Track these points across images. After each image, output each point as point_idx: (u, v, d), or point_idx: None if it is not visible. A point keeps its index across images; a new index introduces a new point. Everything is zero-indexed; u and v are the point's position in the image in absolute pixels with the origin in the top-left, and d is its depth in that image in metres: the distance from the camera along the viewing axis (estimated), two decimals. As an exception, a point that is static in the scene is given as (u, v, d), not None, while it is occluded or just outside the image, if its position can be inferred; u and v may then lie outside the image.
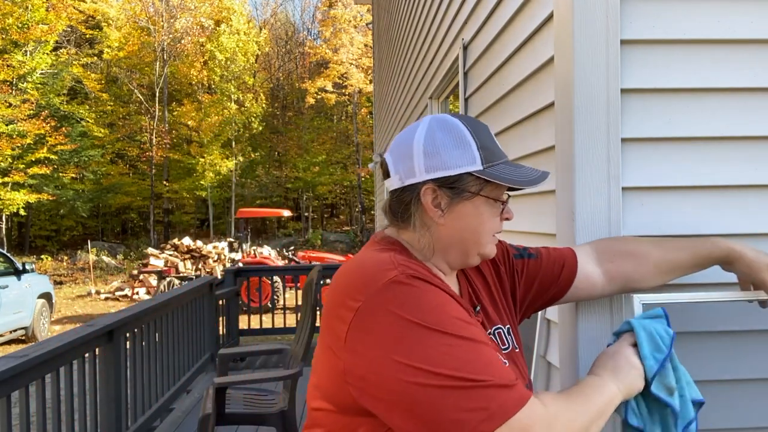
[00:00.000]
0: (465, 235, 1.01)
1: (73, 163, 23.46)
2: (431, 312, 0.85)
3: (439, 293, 0.89)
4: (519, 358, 1.12)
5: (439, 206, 0.99)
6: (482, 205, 1.00)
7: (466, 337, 0.84)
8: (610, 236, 1.42)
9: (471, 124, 1.01)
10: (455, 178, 0.98)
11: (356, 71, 27.71)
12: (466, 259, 1.04)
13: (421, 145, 0.99)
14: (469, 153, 0.98)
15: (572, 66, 1.43)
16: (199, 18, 28.23)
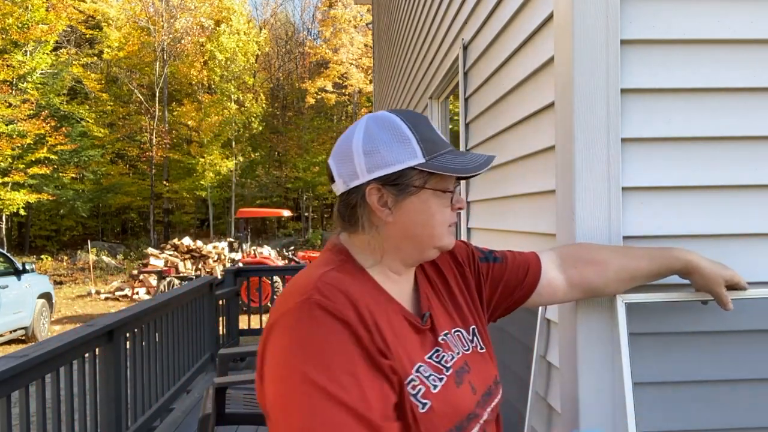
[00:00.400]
0: (417, 231, 0.99)
1: (73, 163, 23.46)
2: (310, 353, 0.84)
3: (335, 335, 0.85)
4: (482, 358, 1.09)
5: (386, 205, 0.97)
6: (430, 198, 0.98)
7: (329, 393, 0.81)
8: (607, 239, 1.43)
9: (409, 118, 0.99)
10: (398, 175, 0.96)
11: (356, 71, 27.72)
12: (421, 254, 1.03)
13: (360, 145, 0.97)
14: (409, 147, 0.96)
15: (572, 66, 1.43)
16: (199, 18, 28.24)
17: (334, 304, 0.87)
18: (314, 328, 0.86)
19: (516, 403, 1.76)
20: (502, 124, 2.15)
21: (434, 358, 0.97)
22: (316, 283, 0.90)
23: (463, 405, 0.96)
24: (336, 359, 0.84)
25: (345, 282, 0.93)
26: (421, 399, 0.90)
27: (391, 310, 0.97)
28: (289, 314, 0.88)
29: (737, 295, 1.39)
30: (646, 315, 1.43)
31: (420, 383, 0.91)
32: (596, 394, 1.42)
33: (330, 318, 0.86)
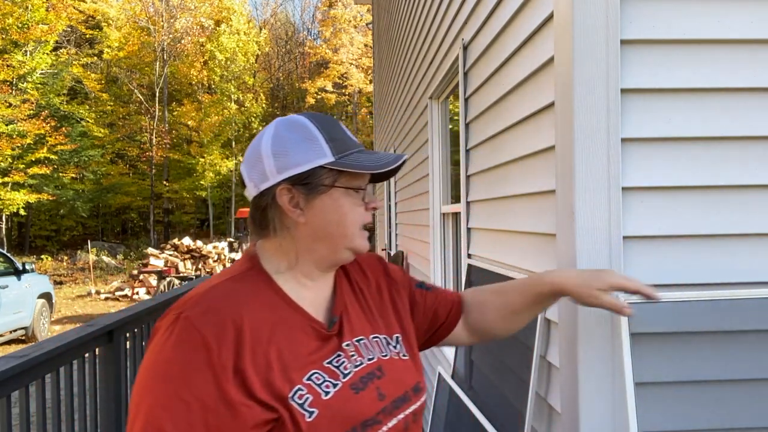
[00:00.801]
0: (329, 230, 0.99)
1: (73, 163, 23.47)
2: (161, 373, 0.88)
3: (191, 357, 0.87)
4: (403, 365, 1.08)
5: (297, 205, 0.98)
6: (341, 197, 0.98)
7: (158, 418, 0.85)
8: (614, 238, 1.43)
9: (317, 119, 1.00)
10: (308, 174, 0.96)
11: (356, 71, 27.72)
12: (335, 255, 1.02)
13: (269, 147, 0.98)
14: (317, 146, 0.97)
15: (572, 66, 1.43)
16: (199, 18, 28.25)
17: (201, 322, 0.88)
18: (173, 349, 0.88)
19: (516, 403, 1.76)
20: (502, 124, 2.15)
21: (333, 363, 0.97)
22: (199, 298, 0.92)
23: (358, 411, 0.95)
24: (179, 384, 0.86)
25: (230, 296, 0.93)
26: (308, 408, 0.90)
27: (291, 319, 0.96)
28: (162, 328, 0.91)
29: (737, 295, 1.39)
30: (646, 315, 1.43)
31: (308, 392, 0.91)
32: (596, 394, 1.42)
33: (190, 337, 0.87)
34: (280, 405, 0.88)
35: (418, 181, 4.76)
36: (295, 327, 0.96)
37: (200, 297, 0.92)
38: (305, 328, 0.97)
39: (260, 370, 0.89)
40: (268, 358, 0.90)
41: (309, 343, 0.96)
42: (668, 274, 1.46)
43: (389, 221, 7.84)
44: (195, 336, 0.87)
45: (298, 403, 0.90)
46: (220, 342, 0.88)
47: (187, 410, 0.85)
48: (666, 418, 1.41)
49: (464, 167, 2.86)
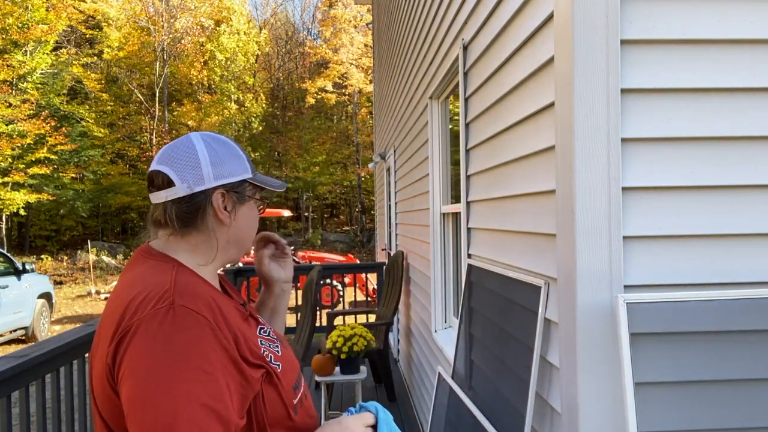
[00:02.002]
0: (243, 235, 1.16)
1: (73, 163, 23.45)
2: (174, 355, 0.94)
3: (200, 336, 0.96)
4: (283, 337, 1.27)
5: (227, 209, 1.12)
6: (254, 209, 1.17)
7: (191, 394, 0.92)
8: (610, 236, 1.43)
9: (232, 141, 1.18)
10: (238, 184, 1.13)
11: (356, 71, 27.70)
12: (238, 256, 1.19)
13: (207, 156, 1.11)
14: (242, 163, 1.14)
15: (572, 66, 1.43)
16: (199, 18, 28.23)
17: (197, 306, 0.98)
18: (183, 331, 0.95)
19: (516, 403, 1.76)
20: (502, 124, 2.15)
21: (263, 333, 1.15)
22: (175, 288, 1.00)
23: (295, 361, 1.19)
24: (200, 360, 0.94)
25: (198, 284, 1.05)
26: (275, 362, 1.09)
27: (228, 302, 1.10)
28: (154, 318, 0.95)
29: (737, 295, 1.39)
30: (647, 315, 1.43)
31: (269, 352, 1.10)
32: (596, 394, 1.42)
33: (194, 320, 0.96)
34: (263, 362, 1.05)
35: (418, 181, 4.76)
36: (231, 307, 1.10)
37: (178, 288, 1.00)
38: (235, 308, 1.12)
39: (243, 339, 1.04)
40: (241, 330, 1.05)
41: (242, 319, 1.11)
42: (668, 274, 1.46)
43: (389, 221, 7.84)
44: (198, 319, 0.97)
45: (268, 359, 1.08)
46: (217, 321, 1.00)
47: (214, 380, 0.94)
48: (666, 418, 1.41)
49: (464, 167, 2.86)
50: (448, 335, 3.65)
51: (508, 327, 1.95)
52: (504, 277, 2.06)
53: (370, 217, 27.36)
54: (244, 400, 1.00)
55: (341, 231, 29.63)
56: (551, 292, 1.66)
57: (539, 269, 1.76)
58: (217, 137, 1.16)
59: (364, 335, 4.20)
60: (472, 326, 2.41)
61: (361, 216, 28.02)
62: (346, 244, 25.55)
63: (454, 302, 3.77)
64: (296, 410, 1.11)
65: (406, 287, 5.70)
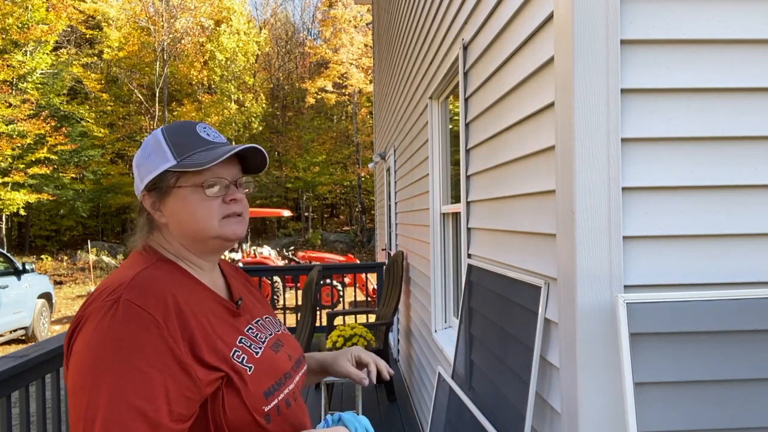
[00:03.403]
0: (186, 226, 1.09)
1: (73, 163, 23.46)
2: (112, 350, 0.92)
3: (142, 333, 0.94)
4: (290, 337, 1.26)
5: (157, 208, 1.10)
6: (188, 195, 1.07)
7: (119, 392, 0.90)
8: (610, 236, 1.43)
9: (170, 129, 1.11)
10: (157, 179, 1.08)
11: (356, 71, 27.70)
12: (203, 245, 1.11)
13: (135, 162, 1.12)
14: (161, 154, 1.08)
15: (572, 66, 1.43)
16: (199, 18, 28.22)
17: (145, 303, 0.96)
18: (122, 326, 0.93)
19: (516, 403, 1.76)
20: (502, 124, 2.15)
21: (251, 333, 1.12)
22: (129, 283, 0.99)
23: (280, 366, 1.13)
24: (136, 357, 0.92)
25: (159, 279, 1.02)
26: (246, 364, 1.05)
27: (208, 297, 1.09)
28: (100, 311, 0.95)
29: (737, 295, 1.39)
30: (647, 315, 1.43)
31: (243, 353, 1.06)
32: (596, 394, 1.42)
33: (136, 316, 0.94)
34: (224, 365, 1.01)
35: (418, 181, 4.76)
36: (211, 303, 1.09)
37: (132, 282, 0.99)
38: (219, 305, 1.10)
39: (204, 338, 1.01)
40: (204, 328, 1.02)
41: (226, 317, 1.10)
42: (668, 274, 1.46)
43: (389, 221, 7.84)
44: (142, 315, 0.95)
45: (237, 361, 1.04)
46: (166, 318, 0.97)
47: (148, 380, 0.92)
48: (666, 418, 1.41)
49: (464, 167, 2.86)
50: (448, 335, 3.65)
51: (508, 327, 1.95)
52: (504, 277, 2.06)
53: (370, 217, 27.37)
54: (190, 403, 0.95)
55: (341, 231, 29.63)
56: (551, 292, 1.66)
57: (539, 269, 1.76)
58: (154, 133, 1.12)
59: (364, 335, 4.20)
60: (472, 326, 2.41)
61: (361, 216, 28.02)
62: (346, 244, 25.55)
63: (454, 302, 3.77)
64: (269, 418, 1.05)
65: (406, 287, 5.70)
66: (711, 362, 1.44)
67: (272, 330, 1.20)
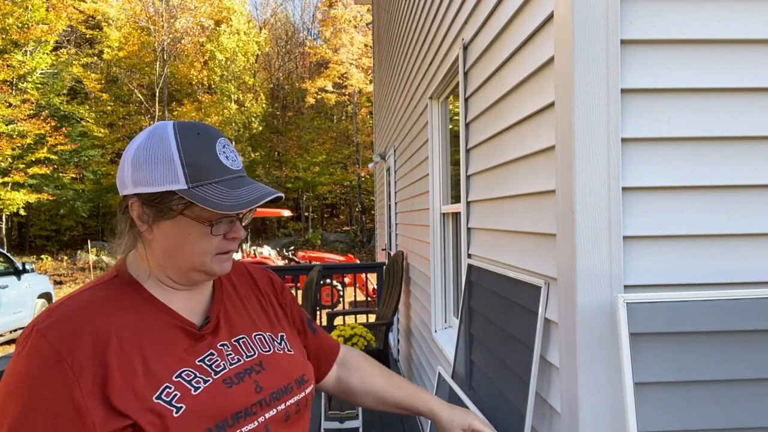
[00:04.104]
0: (174, 253, 0.97)
1: (73, 163, 23.46)
2: (13, 386, 0.87)
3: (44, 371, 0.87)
4: (287, 358, 1.11)
5: (146, 221, 0.96)
6: (187, 226, 0.95)
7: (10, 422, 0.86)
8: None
9: (185, 138, 0.94)
10: (158, 196, 0.93)
11: (356, 71, 27.70)
12: (185, 275, 1.00)
13: (131, 156, 0.95)
14: (171, 170, 0.92)
15: (572, 66, 1.43)
16: (199, 18, 28.22)
17: (53, 334, 0.88)
18: (24, 361, 0.88)
19: (516, 403, 1.76)
20: (502, 124, 2.15)
21: (206, 362, 0.98)
22: (52, 310, 0.92)
23: (229, 404, 0.96)
24: (27, 393, 0.86)
25: (91, 305, 0.93)
26: (176, 404, 0.91)
27: (158, 321, 0.97)
28: (20, 341, 0.91)
29: (737, 295, 1.39)
30: (647, 315, 1.43)
31: (176, 389, 0.93)
32: (596, 394, 1.42)
33: (41, 350, 0.87)
34: (137, 411, 0.88)
35: (418, 181, 4.76)
36: (163, 328, 0.97)
37: (54, 309, 0.92)
38: (174, 328, 0.98)
39: (123, 376, 0.90)
40: (132, 362, 0.91)
41: (179, 342, 0.97)
42: (668, 274, 1.46)
43: (389, 221, 7.84)
44: (45, 347, 0.87)
45: (165, 401, 0.91)
46: (73, 351, 0.88)
47: (38, 420, 0.85)
48: (665, 418, 1.41)
49: (464, 167, 2.86)
50: (448, 335, 3.65)
51: (508, 327, 1.95)
52: (504, 277, 2.06)
53: (370, 217, 27.36)
54: None
55: (341, 231, 29.63)
56: (551, 292, 1.66)
57: (539, 269, 1.76)
58: (162, 132, 0.96)
59: (364, 335, 4.20)
60: (472, 326, 2.41)
61: (361, 216, 28.02)
62: (346, 244, 25.55)
63: (454, 302, 3.77)
64: None
65: (406, 287, 5.70)
66: (711, 362, 1.44)
67: (256, 351, 1.06)
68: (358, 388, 1.37)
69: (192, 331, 1.00)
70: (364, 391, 1.37)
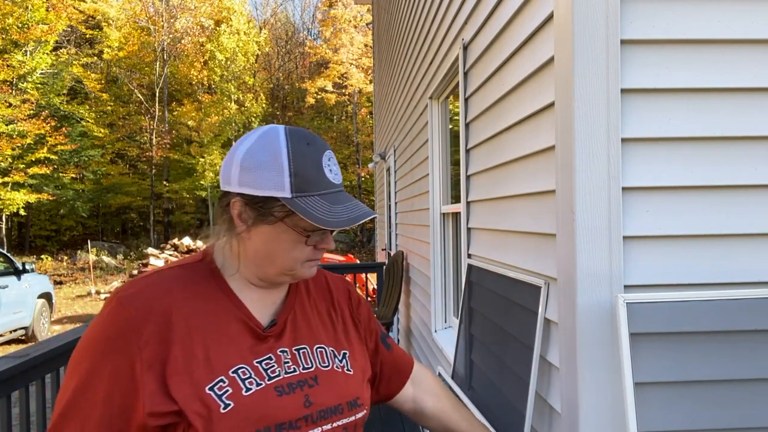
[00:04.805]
0: (266, 257, 1.00)
1: (73, 163, 23.46)
2: (89, 345, 0.93)
3: (116, 334, 0.92)
4: (345, 378, 1.08)
5: (246, 221, 0.99)
6: (284, 233, 0.98)
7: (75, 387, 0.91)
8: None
9: (295, 146, 0.97)
10: (262, 199, 0.96)
11: (356, 71, 27.70)
12: (274, 277, 1.03)
13: (241, 157, 0.98)
14: (278, 178, 0.95)
15: (572, 66, 1.43)
16: (199, 18, 28.22)
17: (131, 303, 0.93)
18: (101, 325, 0.93)
19: (516, 403, 1.76)
20: (503, 124, 2.15)
21: (263, 365, 0.99)
22: (139, 281, 0.97)
23: (275, 413, 0.95)
24: (97, 359, 0.91)
25: (172, 282, 0.98)
26: (225, 399, 0.92)
27: (228, 312, 1.00)
28: (106, 302, 0.97)
29: (737, 295, 1.39)
30: (647, 315, 1.43)
31: (229, 384, 0.94)
32: (596, 394, 1.42)
33: (116, 320, 0.92)
34: (188, 399, 0.90)
35: (418, 181, 4.76)
36: (230, 321, 0.99)
37: (138, 281, 0.97)
38: (241, 323, 1.00)
39: (183, 358, 0.92)
40: (194, 348, 0.94)
41: (242, 338, 0.99)
42: (668, 274, 1.46)
43: (389, 221, 7.84)
44: (121, 315, 0.92)
45: (216, 393, 0.92)
46: (144, 324, 0.92)
47: (100, 383, 0.90)
48: (666, 418, 1.41)
49: (464, 167, 2.86)
50: (448, 335, 3.65)
51: (508, 327, 1.95)
52: (504, 277, 2.06)
53: (370, 217, 27.29)
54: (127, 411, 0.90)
55: (341, 231, 29.61)
56: (551, 292, 1.66)
57: (539, 269, 1.76)
58: (273, 138, 0.98)
59: (364, 335, 4.20)
60: (472, 326, 2.40)
61: (361, 216, 27.97)
62: (346, 244, 25.55)
63: (454, 302, 3.77)
64: None
65: (406, 287, 5.70)
66: (711, 362, 1.44)
67: (314, 364, 1.05)
68: (431, 413, 1.33)
69: (256, 331, 1.01)
70: (435, 417, 1.33)
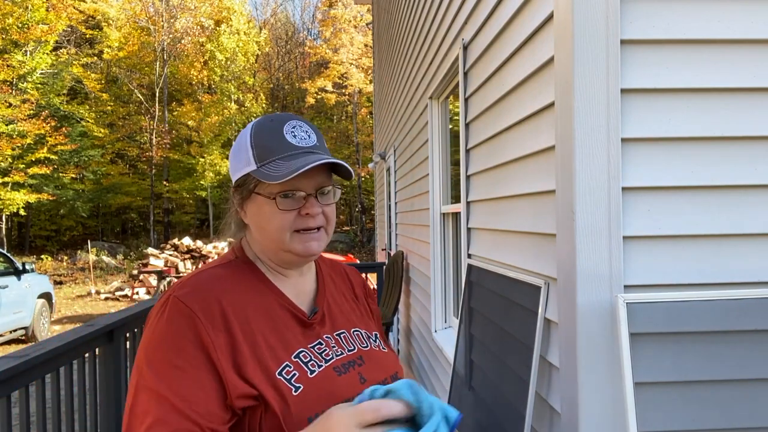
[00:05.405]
0: (262, 233, 1.05)
1: (73, 163, 23.46)
2: (155, 347, 0.94)
3: (180, 333, 0.93)
4: (383, 355, 1.13)
5: (241, 205, 1.06)
6: (263, 204, 1.02)
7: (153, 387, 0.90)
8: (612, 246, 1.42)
9: (258, 126, 1.05)
10: (242, 180, 1.04)
11: (356, 71, 27.69)
12: (276, 255, 1.06)
13: (231, 151, 1.08)
14: (245, 154, 1.03)
15: (572, 66, 1.42)
16: (199, 18, 28.22)
17: (189, 299, 0.95)
18: (166, 324, 0.94)
19: (516, 403, 1.76)
20: (503, 124, 2.15)
21: (316, 349, 1.03)
22: (185, 281, 1.00)
23: (340, 391, 0.99)
24: (172, 353, 0.92)
25: (219, 279, 1.01)
26: (294, 383, 0.95)
27: (275, 303, 1.04)
28: (156, 310, 0.97)
29: (737, 295, 1.39)
30: (647, 315, 1.43)
31: (295, 369, 0.97)
32: (596, 394, 1.42)
33: (179, 312, 0.94)
34: (264, 383, 0.93)
35: (418, 181, 4.76)
36: (277, 309, 1.03)
37: (185, 281, 1.00)
38: (287, 312, 1.04)
39: (250, 348, 0.95)
40: (255, 337, 0.97)
41: (292, 327, 1.03)
42: (668, 274, 1.46)
43: (389, 221, 7.84)
44: (185, 311, 0.94)
45: (285, 378, 0.95)
46: (208, 317, 0.94)
47: (181, 375, 0.90)
48: (666, 418, 1.41)
49: (464, 167, 2.86)
50: (448, 335, 3.65)
51: (508, 327, 1.95)
52: (504, 277, 2.06)
53: (370, 217, 27.36)
54: (222, 405, 0.91)
55: (341, 231, 29.61)
56: (551, 292, 1.66)
57: (539, 269, 1.76)
58: (246, 127, 1.07)
59: (364, 335, 4.20)
60: (472, 326, 2.40)
61: (361, 216, 28.01)
62: (346, 244, 25.55)
63: (454, 302, 3.77)
64: None
65: (406, 287, 5.70)
66: (711, 362, 1.44)
67: (355, 345, 1.09)
68: None
69: (302, 319, 1.05)
70: None
